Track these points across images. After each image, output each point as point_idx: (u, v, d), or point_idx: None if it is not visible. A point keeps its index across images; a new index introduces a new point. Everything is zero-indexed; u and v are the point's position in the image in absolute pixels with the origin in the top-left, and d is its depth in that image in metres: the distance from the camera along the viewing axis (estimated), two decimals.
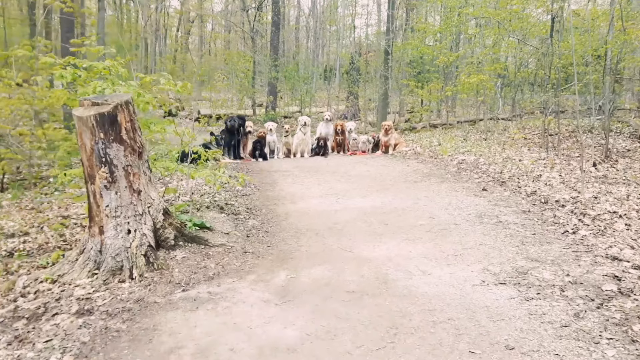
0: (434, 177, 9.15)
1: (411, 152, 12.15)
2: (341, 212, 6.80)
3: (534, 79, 17.96)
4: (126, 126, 4.52)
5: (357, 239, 5.59)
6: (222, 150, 11.03)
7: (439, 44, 17.98)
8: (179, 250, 4.80)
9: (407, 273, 4.57)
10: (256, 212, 6.67)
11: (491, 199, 7.39)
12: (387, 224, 6.20)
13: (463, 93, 15.43)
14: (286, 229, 5.98)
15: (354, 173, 9.82)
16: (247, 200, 7.43)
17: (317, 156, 12.27)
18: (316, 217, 6.51)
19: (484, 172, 9.22)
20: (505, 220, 6.26)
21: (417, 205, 7.10)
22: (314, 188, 8.44)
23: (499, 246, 5.33)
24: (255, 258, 4.89)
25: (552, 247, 5.28)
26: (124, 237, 4.54)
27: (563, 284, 4.35)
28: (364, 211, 6.80)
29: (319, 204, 7.31)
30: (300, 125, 12.27)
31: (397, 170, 10.01)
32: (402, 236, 5.70)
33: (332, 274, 4.54)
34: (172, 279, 4.30)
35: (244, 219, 6.21)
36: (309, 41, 39.05)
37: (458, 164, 10.19)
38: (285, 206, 7.16)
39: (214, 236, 5.32)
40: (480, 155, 10.62)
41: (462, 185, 8.43)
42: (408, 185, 8.59)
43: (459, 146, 12.01)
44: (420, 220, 6.34)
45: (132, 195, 4.58)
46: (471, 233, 5.78)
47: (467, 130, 15.14)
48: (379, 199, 7.54)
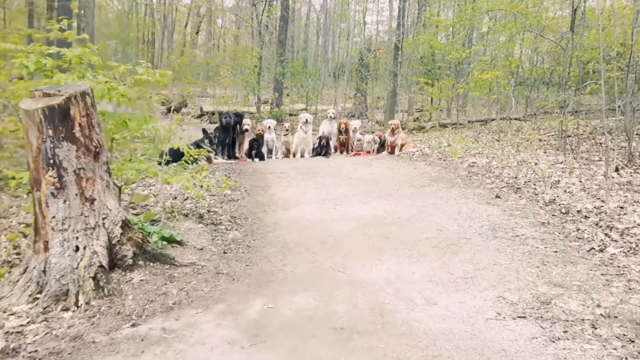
0: (443, 182, 8.38)
1: (419, 154, 11.37)
2: (337, 222, 6.06)
3: (550, 76, 17.09)
4: (81, 122, 3.81)
5: (353, 256, 4.85)
6: (216, 149, 10.31)
7: (452, 39, 17.12)
8: (138, 271, 4.08)
9: (409, 302, 3.82)
10: (240, 222, 5.94)
11: (505, 208, 6.62)
12: (388, 237, 5.45)
13: (475, 91, 14.60)
14: (272, 242, 5.25)
15: (356, 176, 9.07)
16: (234, 207, 6.70)
17: (318, 156, 11.52)
18: (308, 228, 5.77)
19: (497, 177, 8.43)
20: (522, 234, 5.49)
21: (423, 215, 6.35)
22: (310, 193, 7.70)
23: (516, 267, 4.57)
24: (229, 281, 4.16)
25: (577, 269, 4.52)
26: (71, 256, 3.83)
27: (594, 318, 3.59)
28: (363, 221, 6.05)
29: (314, 211, 6.57)
30: (301, 123, 11.51)
31: (403, 173, 9.25)
32: (405, 253, 4.95)
33: (318, 302, 3.80)
34: (122, 309, 3.58)
35: (224, 231, 5.48)
36: (319, 38, 38.31)
37: (469, 167, 9.40)
38: (276, 214, 6.43)
39: (183, 252, 4.60)
40: (493, 158, 9.82)
41: (473, 191, 7.66)
42: (414, 190, 7.82)
43: (469, 147, 11.22)
44: (426, 232, 5.59)
45: (84, 205, 3.86)
46: (484, 250, 5.02)
47: (479, 131, 14.31)
48: (381, 207, 6.79)
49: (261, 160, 10.85)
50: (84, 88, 3.85)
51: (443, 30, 17.50)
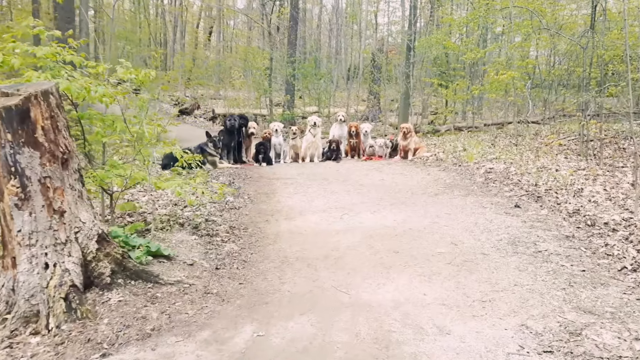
0: (458, 189, 7.89)
1: (432, 158, 10.87)
2: (344, 233, 5.61)
3: (568, 78, 16.45)
4: (44, 125, 3.40)
5: (358, 274, 4.40)
6: (221, 153, 9.92)
7: (466, 39, 16.58)
8: (117, 290, 3.67)
9: (419, 331, 3.36)
10: (239, 233, 5.51)
11: (526, 219, 6.12)
12: (398, 251, 4.98)
13: (491, 92, 14.06)
14: (271, 256, 4.81)
15: (366, 182, 8.61)
16: (234, 216, 6.28)
17: (328, 161, 11.06)
18: (312, 241, 5.32)
19: (515, 184, 7.92)
20: (545, 250, 5.00)
21: (437, 226, 5.87)
22: (317, 200, 7.26)
23: (539, 288, 4.09)
24: (218, 302, 3.72)
25: (608, 292, 4.03)
26: (41, 274, 3.43)
27: (633, 356, 3.10)
28: (371, 232, 5.59)
29: (319, 221, 6.12)
30: (310, 126, 11.07)
31: (416, 180, 8.77)
32: (416, 270, 4.49)
33: (316, 330, 3.35)
34: (94, 335, 3.17)
35: (220, 243, 5.06)
36: (331, 39, 37.86)
37: (485, 173, 8.90)
38: (278, 224, 6.00)
39: (171, 269, 4.18)
40: (511, 163, 9.30)
41: (491, 199, 7.17)
42: (427, 198, 7.35)
43: (486, 152, 10.70)
44: (439, 246, 5.11)
45: (52, 218, 3.46)
46: (503, 267, 4.54)
47: (495, 134, 13.79)
48: (391, 216, 6.33)
49: (269, 165, 10.43)
50: (46, 87, 3.44)
51: (456, 30, 16.92)
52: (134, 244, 4.32)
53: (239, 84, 26.76)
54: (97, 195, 5.57)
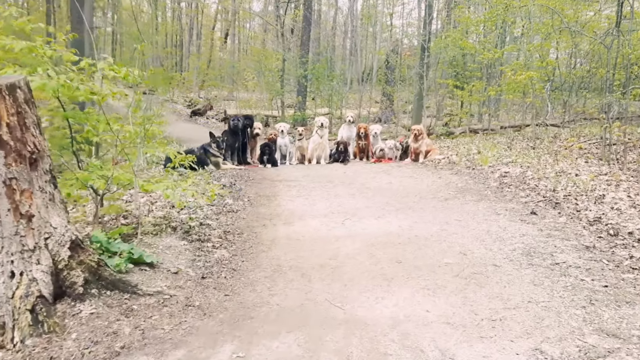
0: (470, 194, 7.48)
1: (445, 161, 10.46)
2: (344, 240, 5.25)
3: (589, 80, 15.89)
4: (9, 121, 3.10)
5: (355, 286, 4.04)
6: (225, 153, 9.61)
7: (483, 38, 16.11)
8: (90, 301, 3.35)
9: (418, 355, 2.99)
10: (232, 238, 5.17)
11: (542, 227, 5.70)
12: (401, 261, 4.61)
13: (508, 94, 13.58)
14: (263, 265, 4.46)
15: (373, 185, 8.23)
16: (231, 219, 5.95)
17: (335, 163, 10.71)
18: (309, 248, 4.97)
19: (532, 189, 7.49)
20: (563, 262, 4.59)
21: (445, 234, 5.48)
22: (320, 204, 6.91)
23: (556, 306, 3.69)
24: (199, 317, 3.39)
25: (635, 312, 3.61)
26: (6, 283, 3.13)
27: None
28: (373, 240, 5.22)
29: (319, 226, 5.77)
30: (317, 127, 10.72)
31: (426, 184, 8.37)
32: (419, 283, 4.11)
33: (302, 352, 3.00)
34: (58, 353, 2.85)
35: (210, 249, 4.73)
36: (346, 40, 37.49)
37: (500, 177, 8.47)
38: (276, 229, 5.65)
39: (153, 277, 3.86)
40: (528, 167, 8.85)
41: (505, 205, 6.75)
42: (436, 203, 6.95)
43: (501, 155, 10.26)
44: (446, 256, 4.73)
45: (19, 222, 3.15)
46: (516, 281, 4.15)
47: (512, 137, 13.31)
48: (397, 222, 5.95)
49: (273, 167, 10.10)
50: (13, 81, 3.13)
51: (473, 29, 16.44)
52: (115, 250, 4.01)
53: (251, 85, 26.50)
54: (83, 200, 5.30)
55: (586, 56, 14.81)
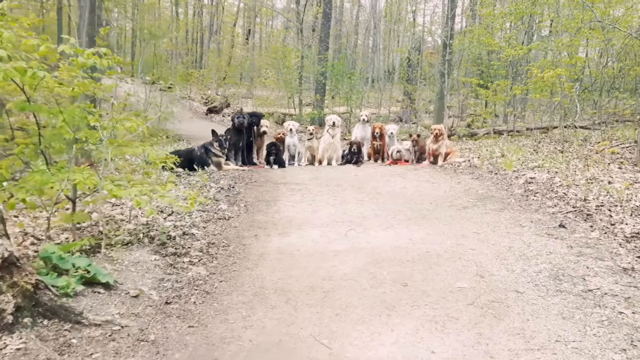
0: (492, 202, 6.77)
1: (466, 165, 9.73)
2: (344, 255, 4.61)
3: (622, 79, 14.91)
4: None
5: (349, 316, 3.40)
6: (228, 153, 9.04)
7: (508, 34, 15.25)
8: (20, 333, 2.78)
9: None
10: (215, 252, 4.57)
11: (572, 243, 4.99)
12: (407, 283, 3.96)
13: (535, 93, 12.74)
14: (244, 286, 3.85)
15: (386, 190, 7.57)
16: (220, 228, 5.36)
17: (348, 165, 10.05)
18: (302, 265, 4.34)
19: (560, 198, 6.74)
20: (597, 288, 3.88)
21: (461, 249, 4.81)
22: (324, 211, 6.28)
23: (589, 347, 3.02)
24: (151, 356, 2.79)
25: None
26: None
27: None
28: (377, 256, 4.57)
29: (319, 238, 5.13)
30: (328, 126, 10.06)
31: (443, 189, 7.67)
32: (426, 313, 3.46)
33: None
34: None
35: (186, 265, 4.13)
36: (368, 38, 36.76)
37: (525, 183, 7.72)
38: (268, 240, 5.04)
39: (105, 302, 3.27)
40: (556, 173, 8.08)
41: (530, 216, 6.03)
42: (453, 212, 6.26)
43: (527, 159, 9.48)
44: (460, 279, 4.06)
45: None
46: (542, 313, 3.46)
47: (538, 140, 12.47)
48: (407, 234, 5.29)
49: (281, 167, 9.48)
50: None
51: (499, 25, 15.55)
52: (67, 267, 3.43)
53: (269, 83, 25.97)
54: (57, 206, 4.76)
55: (618, 54, 13.85)
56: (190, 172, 8.38)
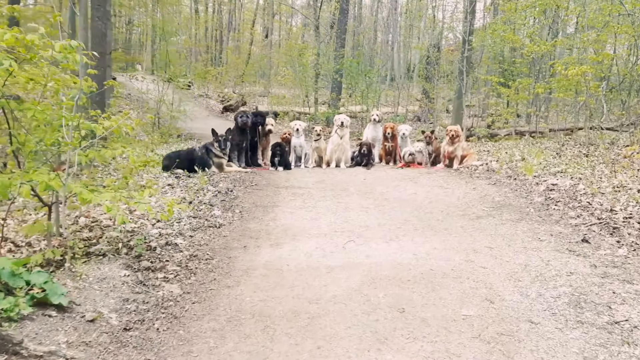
0: (509, 211, 6.24)
1: (483, 168, 9.16)
2: (338, 272, 4.14)
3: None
4: None
5: (333, 349, 2.94)
6: (231, 154, 8.62)
7: (531, 29, 14.54)
8: None
9: None
10: (196, 266, 4.14)
11: (597, 262, 4.45)
12: (404, 309, 3.47)
13: (559, 92, 12.06)
14: (219, 308, 3.40)
15: (393, 196, 7.07)
16: (208, 237, 4.94)
17: (358, 167, 9.55)
18: (289, 283, 3.88)
19: (584, 208, 6.17)
20: (625, 320, 3.36)
21: (470, 267, 4.30)
22: (324, 219, 5.82)
23: None
24: None
25: None
26: None
27: None
28: (375, 274, 4.10)
29: (313, 251, 4.67)
30: (337, 126, 9.57)
31: (456, 196, 7.15)
32: (424, 348, 2.98)
33: None
34: None
35: (158, 282, 3.70)
36: (387, 35, 36.08)
37: (546, 190, 7.16)
38: (258, 252, 4.59)
39: (54, 328, 2.85)
40: (580, 180, 7.49)
41: (550, 228, 5.49)
42: (466, 223, 5.74)
43: (549, 163, 8.89)
44: (466, 304, 3.56)
45: None
46: (559, 351, 2.96)
47: (562, 142, 11.82)
48: (411, 248, 4.80)
49: (286, 170, 9.02)
50: None
51: (520, 18, 14.80)
52: (18, 285, 3.03)
53: (284, 81, 25.54)
54: None
55: None
56: (190, 173, 7.99)
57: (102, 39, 13.63)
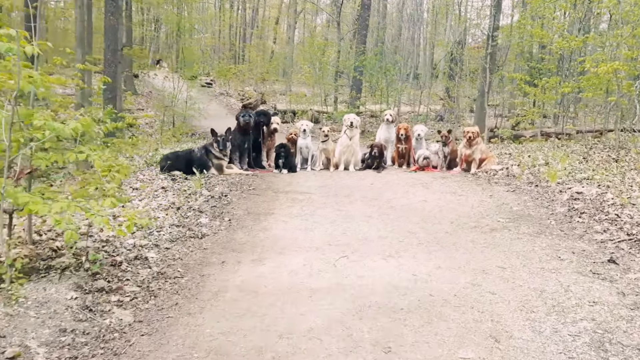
0: (527, 223, 5.62)
1: (503, 173, 8.51)
2: (322, 296, 3.61)
3: None
4: None
5: None
6: (231, 155, 8.13)
7: (561, 23, 13.71)
8: None
9: None
10: (161, 286, 3.65)
11: (625, 288, 3.84)
12: (390, 348, 2.93)
13: (588, 91, 11.29)
14: (169, 344, 2.90)
15: (401, 204, 6.49)
16: (186, 250, 4.47)
17: (368, 170, 8.97)
18: (262, 311, 3.36)
19: (612, 221, 5.51)
20: None
21: (476, 293, 3.73)
22: (320, 229, 5.29)
23: None
24: None
25: None
26: None
27: None
28: (364, 300, 3.55)
29: (299, 268, 4.15)
30: (346, 126, 9.00)
31: (470, 204, 6.54)
32: None
33: None
34: None
35: (110, 307, 3.22)
36: (413, 32, 35.29)
37: (570, 199, 6.50)
38: (236, 270, 4.08)
39: None
40: (608, 188, 6.80)
41: (572, 245, 4.88)
42: (477, 236, 5.15)
43: (575, 169, 8.19)
44: (465, 344, 3.00)
45: None
46: None
47: (590, 145, 11.06)
48: (412, 266, 4.25)
49: (291, 172, 8.48)
50: None
51: (548, 12, 13.96)
52: None
53: (304, 79, 25.04)
54: None
55: None
56: (188, 175, 7.55)
57: (114, 34, 13.33)
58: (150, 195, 6.38)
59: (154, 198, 6.25)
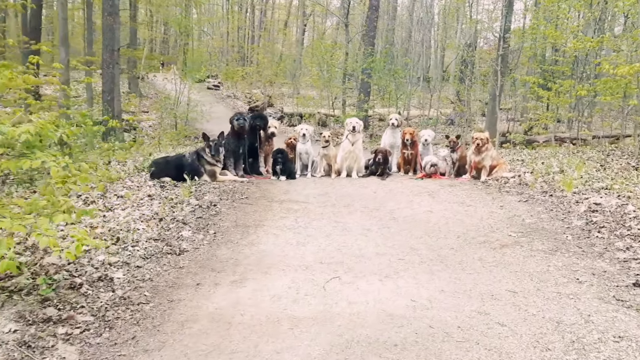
0: (540, 238, 5.12)
1: (514, 181, 7.98)
2: (304, 328, 3.14)
3: None
4: None
5: None
6: (226, 161, 7.69)
7: (575, 24, 13.18)
8: None
9: None
10: (119, 315, 3.20)
11: None
12: None
13: (605, 94, 10.75)
14: None
15: (404, 215, 6.01)
16: (158, 269, 4.02)
17: (372, 177, 8.49)
18: (230, 347, 2.90)
19: (635, 237, 4.99)
20: None
21: (483, 324, 3.25)
22: (313, 243, 4.83)
23: None
24: None
25: None
26: None
27: None
28: (352, 333, 3.09)
29: (284, 292, 3.69)
30: (348, 131, 8.52)
31: (479, 215, 6.04)
32: None
33: None
34: None
35: (53, 342, 2.77)
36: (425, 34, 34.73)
37: (588, 211, 5.98)
38: (212, 293, 3.63)
39: None
40: (629, 199, 6.26)
41: (592, 264, 4.37)
42: (485, 253, 4.67)
43: (592, 177, 7.65)
44: None
45: None
46: None
47: (607, 151, 10.49)
48: (411, 290, 3.77)
49: (289, 179, 8.00)
50: None
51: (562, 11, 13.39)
52: None
53: (311, 81, 24.64)
54: None
55: None
56: (178, 182, 7.13)
57: (112, 34, 12.99)
58: (135, 203, 5.96)
59: (138, 207, 5.82)
